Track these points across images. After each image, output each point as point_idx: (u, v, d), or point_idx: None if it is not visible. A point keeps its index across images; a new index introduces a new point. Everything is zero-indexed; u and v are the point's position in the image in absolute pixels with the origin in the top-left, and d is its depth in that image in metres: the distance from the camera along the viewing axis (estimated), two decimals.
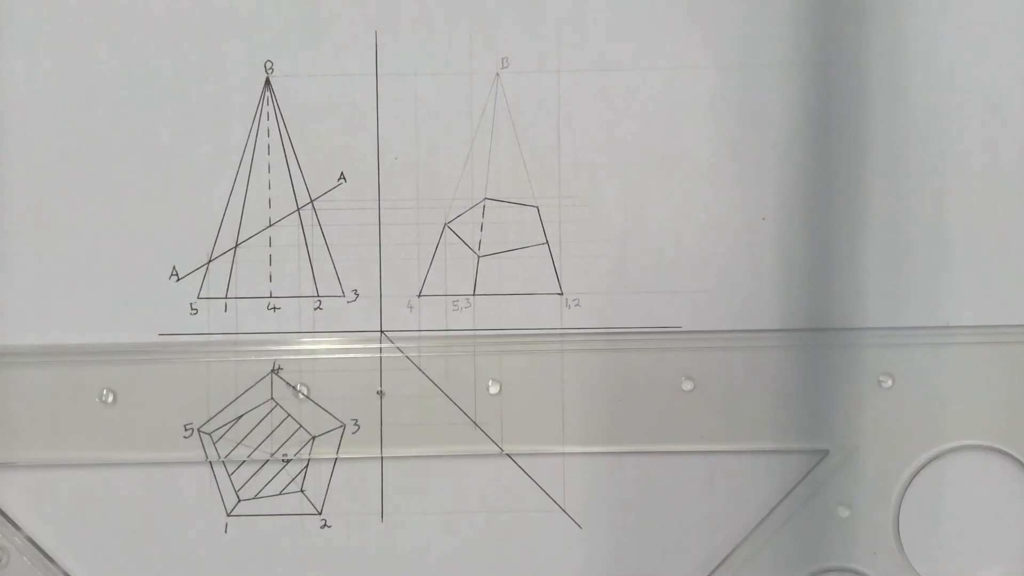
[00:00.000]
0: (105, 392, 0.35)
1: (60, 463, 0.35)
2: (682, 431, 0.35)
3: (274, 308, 0.35)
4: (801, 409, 0.35)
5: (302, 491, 0.35)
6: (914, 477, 0.35)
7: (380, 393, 0.35)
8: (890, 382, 0.35)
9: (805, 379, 0.35)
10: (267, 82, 0.35)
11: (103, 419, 0.35)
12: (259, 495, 0.35)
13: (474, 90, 0.35)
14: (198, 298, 0.35)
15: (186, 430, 0.35)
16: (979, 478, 0.35)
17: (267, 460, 0.35)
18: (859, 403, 0.35)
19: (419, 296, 0.35)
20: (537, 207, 0.35)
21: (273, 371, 0.35)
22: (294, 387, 0.35)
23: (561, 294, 0.35)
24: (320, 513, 0.36)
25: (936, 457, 0.35)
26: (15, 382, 0.35)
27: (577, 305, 0.35)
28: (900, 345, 0.35)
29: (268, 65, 0.35)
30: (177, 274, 0.35)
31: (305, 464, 0.35)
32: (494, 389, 0.35)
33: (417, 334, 0.35)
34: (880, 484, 0.35)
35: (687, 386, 0.35)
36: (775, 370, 0.35)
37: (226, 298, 0.35)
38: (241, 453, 0.35)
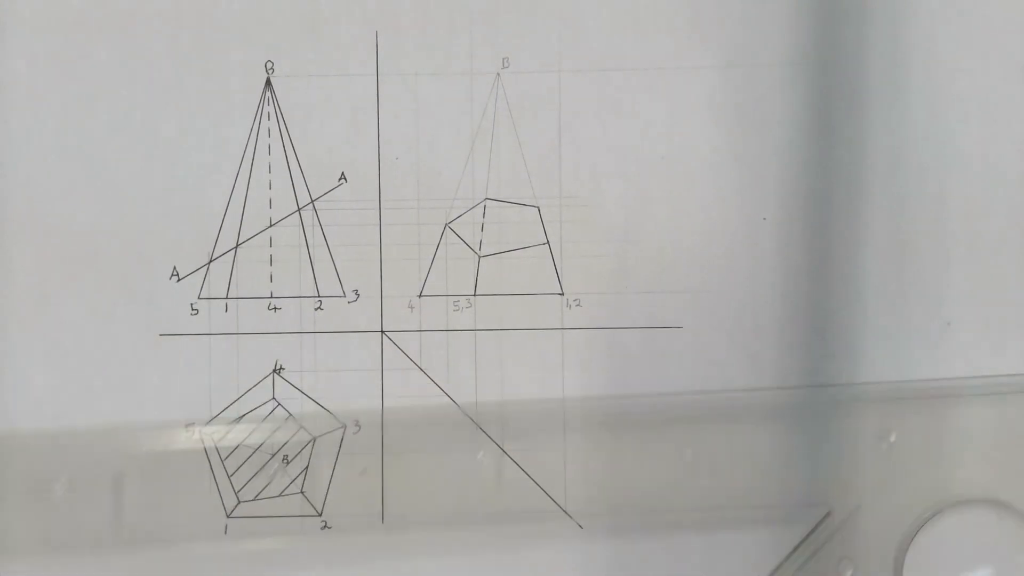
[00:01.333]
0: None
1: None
2: (682, 490, 0.35)
3: (275, 308, 0.35)
4: (802, 467, 0.35)
5: (302, 492, 0.35)
6: (916, 533, 0.34)
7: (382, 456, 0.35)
8: (892, 438, 0.35)
9: (806, 437, 0.35)
10: (267, 82, 0.35)
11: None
12: (259, 496, 0.35)
13: (475, 90, 0.35)
14: (199, 298, 0.35)
15: (187, 430, 0.35)
16: (983, 534, 0.35)
17: (267, 461, 0.35)
18: (861, 460, 0.35)
19: (420, 296, 0.35)
20: (538, 207, 0.35)
21: (274, 371, 0.35)
22: None
23: (562, 294, 0.35)
24: (320, 514, 0.35)
25: (939, 513, 0.35)
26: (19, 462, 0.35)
27: (578, 305, 0.35)
28: (902, 400, 0.35)
29: (268, 65, 0.35)
30: (178, 274, 0.35)
31: (306, 465, 0.35)
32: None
33: (418, 334, 0.35)
34: (883, 541, 0.34)
35: (687, 451, 0.35)
36: (776, 428, 0.35)
37: (227, 298, 0.35)
38: (242, 454, 0.35)
